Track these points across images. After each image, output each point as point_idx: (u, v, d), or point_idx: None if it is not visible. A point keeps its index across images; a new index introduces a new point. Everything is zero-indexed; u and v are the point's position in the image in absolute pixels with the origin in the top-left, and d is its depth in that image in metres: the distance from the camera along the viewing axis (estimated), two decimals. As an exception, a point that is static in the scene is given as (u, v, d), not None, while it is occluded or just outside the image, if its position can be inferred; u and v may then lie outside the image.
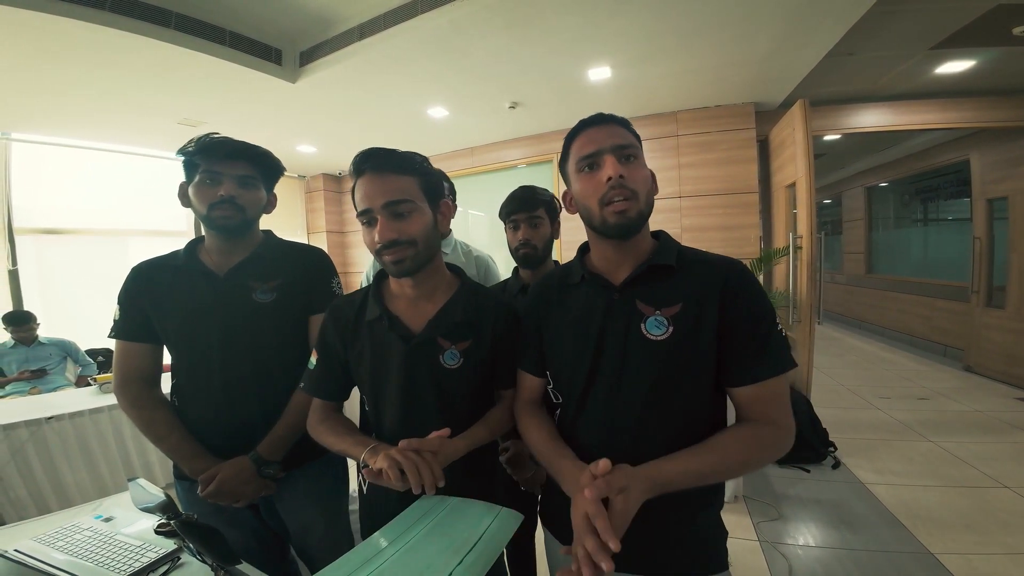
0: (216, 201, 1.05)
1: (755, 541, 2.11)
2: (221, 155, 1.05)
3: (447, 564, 0.70)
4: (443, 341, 0.93)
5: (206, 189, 1.05)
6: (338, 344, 0.98)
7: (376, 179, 0.87)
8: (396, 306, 0.97)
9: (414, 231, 0.88)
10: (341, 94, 3.34)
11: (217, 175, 1.05)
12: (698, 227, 3.88)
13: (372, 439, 0.93)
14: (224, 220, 1.06)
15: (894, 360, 5.25)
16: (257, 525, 1.17)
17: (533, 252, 1.40)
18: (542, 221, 1.41)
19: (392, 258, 0.87)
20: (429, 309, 0.95)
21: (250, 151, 1.10)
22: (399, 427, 0.93)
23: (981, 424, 3.30)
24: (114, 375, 1.09)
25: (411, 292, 0.96)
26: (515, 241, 1.42)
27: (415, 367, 0.92)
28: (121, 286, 1.10)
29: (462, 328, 0.95)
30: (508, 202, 1.44)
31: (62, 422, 2.20)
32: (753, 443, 0.74)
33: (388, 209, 0.86)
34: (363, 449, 0.86)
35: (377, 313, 0.94)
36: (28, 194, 3.89)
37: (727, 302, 0.76)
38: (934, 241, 5.97)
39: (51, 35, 2.32)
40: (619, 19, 2.47)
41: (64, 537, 0.99)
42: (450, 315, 0.95)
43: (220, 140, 1.06)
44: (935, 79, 3.51)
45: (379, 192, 0.86)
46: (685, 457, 0.72)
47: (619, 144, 0.79)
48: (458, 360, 0.93)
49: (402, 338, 0.92)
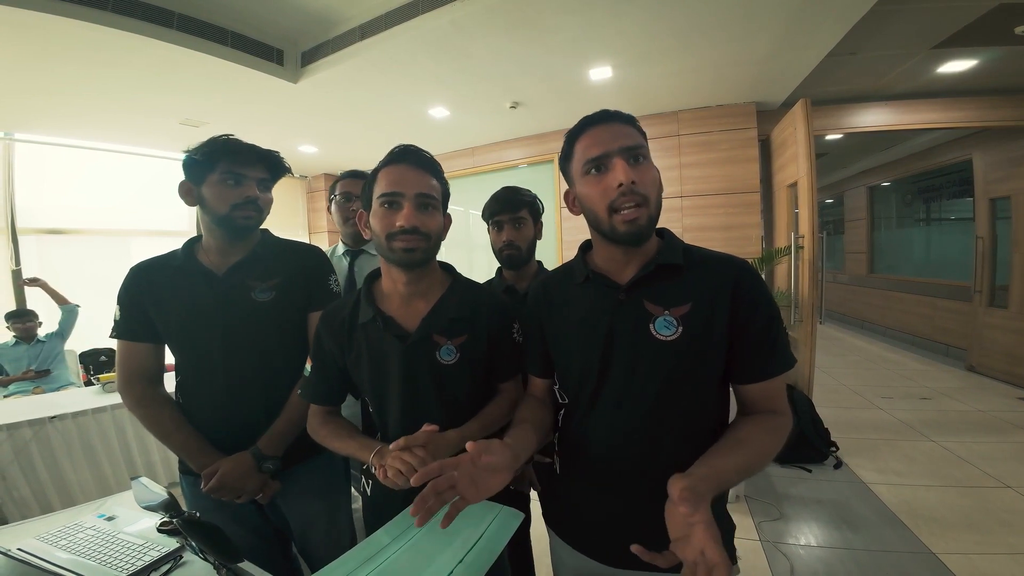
0: (240, 202, 1.07)
1: (756, 541, 2.11)
2: (245, 158, 1.08)
3: (448, 562, 0.70)
4: (439, 338, 0.93)
5: (229, 190, 1.07)
6: (334, 350, 0.98)
7: (415, 170, 0.91)
8: (388, 306, 0.97)
9: (433, 227, 0.91)
10: (342, 94, 3.35)
11: (241, 177, 1.07)
12: (699, 227, 3.88)
13: (376, 441, 0.93)
14: (246, 220, 1.09)
15: (896, 360, 5.23)
16: (260, 522, 1.18)
17: (517, 253, 1.39)
18: (525, 222, 1.40)
19: (407, 245, 0.88)
20: (423, 307, 0.96)
21: (268, 156, 1.13)
22: (402, 426, 0.93)
23: (983, 424, 3.29)
24: (117, 375, 1.10)
25: (404, 290, 0.96)
26: (499, 242, 1.41)
27: (413, 365, 0.92)
28: (120, 286, 1.11)
29: (457, 324, 0.95)
30: (491, 203, 1.43)
31: (65, 421, 2.20)
32: (776, 432, 0.76)
33: (420, 199, 0.89)
34: (369, 452, 0.88)
35: (371, 315, 0.94)
36: (31, 194, 3.91)
37: (738, 302, 0.75)
38: (937, 241, 5.95)
39: (54, 36, 2.33)
40: (620, 19, 2.47)
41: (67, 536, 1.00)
42: (444, 312, 0.95)
43: (242, 143, 1.09)
44: (937, 78, 3.50)
45: (416, 182, 0.90)
46: (728, 454, 0.71)
47: (627, 145, 0.75)
48: (455, 355, 0.93)
49: (398, 337, 0.93)
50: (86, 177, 4.32)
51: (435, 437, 0.84)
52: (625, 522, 0.80)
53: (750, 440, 0.74)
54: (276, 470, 1.09)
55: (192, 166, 1.08)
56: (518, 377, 1.04)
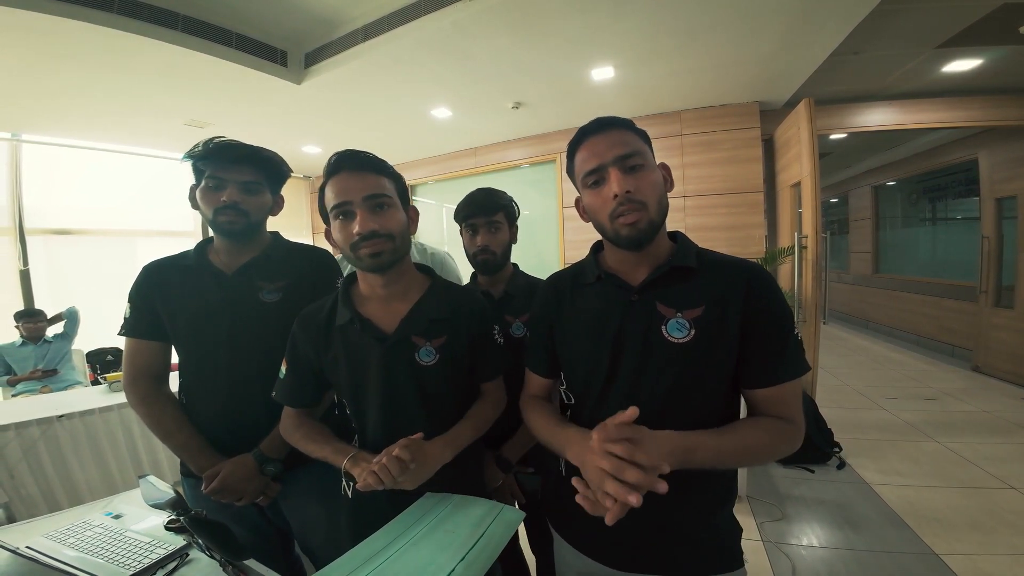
0: (219, 206, 1.07)
1: (759, 541, 2.11)
2: (225, 160, 1.07)
3: (449, 561, 0.70)
4: (417, 339, 0.93)
5: (210, 194, 1.07)
6: (310, 352, 0.98)
7: (356, 175, 0.89)
8: (367, 308, 0.96)
9: (392, 226, 0.90)
10: (345, 95, 3.36)
11: (221, 181, 1.07)
12: (702, 227, 3.87)
13: (351, 446, 0.94)
14: (228, 225, 1.08)
15: (901, 360, 5.21)
16: (261, 522, 1.18)
17: (492, 258, 1.30)
18: (501, 226, 1.32)
19: (370, 251, 0.87)
20: (401, 308, 0.96)
21: (255, 155, 1.11)
22: (382, 427, 0.93)
23: (988, 425, 3.27)
24: (124, 372, 1.11)
25: (382, 292, 0.96)
26: (472, 246, 1.32)
27: (392, 367, 0.92)
28: (132, 284, 1.12)
29: (437, 325, 0.95)
30: (465, 205, 1.33)
31: (73, 420, 2.22)
32: (773, 432, 0.75)
33: (369, 202, 0.88)
34: (343, 457, 0.88)
35: (348, 317, 0.93)
36: (39, 195, 3.94)
37: (751, 305, 0.75)
38: (942, 240, 5.91)
39: (61, 38, 2.35)
40: (622, 20, 2.47)
41: (75, 534, 1.00)
42: (423, 313, 0.95)
43: (225, 145, 1.07)
44: (942, 78, 3.48)
45: (359, 187, 0.88)
46: (708, 433, 0.71)
47: (621, 155, 0.76)
48: (434, 356, 0.93)
49: (376, 339, 0.92)
50: (93, 178, 4.36)
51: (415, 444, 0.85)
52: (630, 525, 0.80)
53: (739, 430, 0.74)
54: (278, 473, 1.09)
55: (195, 170, 1.09)
56: (500, 378, 1.04)
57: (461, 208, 1.34)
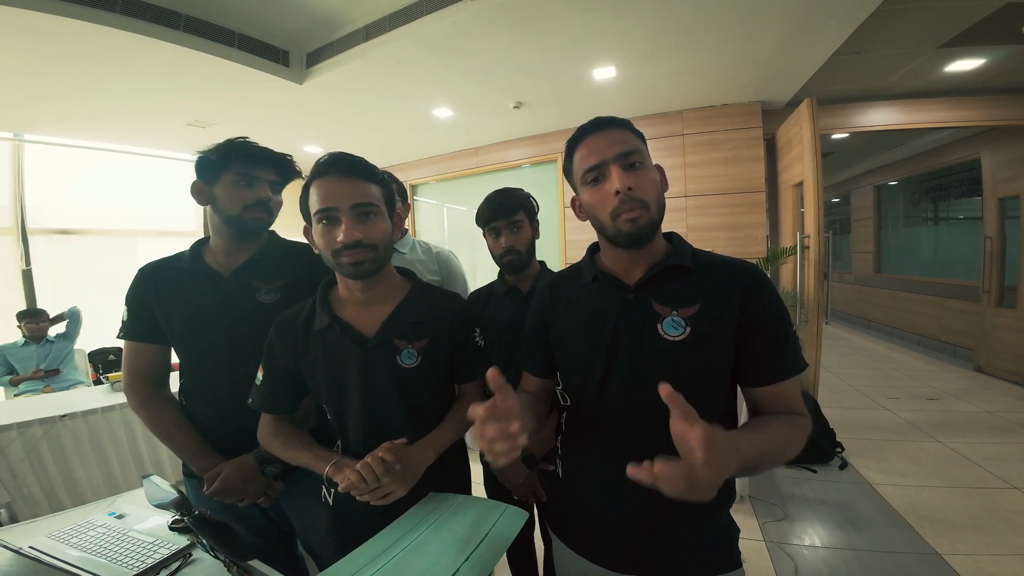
0: (251, 203, 1.08)
1: (761, 541, 2.10)
2: (259, 160, 1.10)
3: (453, 561, 0.70)
4: (399, 342, 0.93)
5: (241, 191, 1.08)
6: (288, 358, 0.97)
7: (344, 181, 0.88)
8: (346, 312, 0.96)
9: (376, 236, 0.89)
10: (347, 95, 3.36)
11: (253, 178, 1.09)
12: (704, 226, 3.86)
13: (333, 453, 0.94)
14: (256, 222, 1.10)
15: (903, 360, 5.20)
16: (264, 523, 1.19)
17: (518, 258, 1.32)
18: (522, 224, 1.34)
19: (352, 259, 0.87)
20: (381, 312, 0.95)
21: (280, 158, 1.14)
22: (363, 431, 0.93)
23: (991, 425, 3.27)
24: (123, 375, 1.12)
25: (361, 296, 0.95)
26: (498, 248, 1.34)
27: (373, 370, 0.92)
28: (128, 287, 1.12)
29: (419, 328, 0.95)
30: (485, 208, 1.34)
31: (75, 420, 2.22)
32: (798, 428, 0.74)
33: (355, 210, 0.87)
34: (325, 464, 0.88)
35: (327, 322, 0.92)
36: (41, 195, 3.95)
37: (747, 303, 0.76)
38: (944, 240, 5.90)
39: (63, 38, 2.35)
40: (623, 20, 2.46)
41: (77, 534, 1.00)
42: (404, 316, 0.95)
43: (257, 146, 1.10)
44: (944, 77, 3.47)
45: (347, 194, 0.87)
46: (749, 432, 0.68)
47: (622, 152, 0.76)
48: (416, 359, 0.93)
49: (356, 343, 0.92)
50: (94, 178, 4.37)
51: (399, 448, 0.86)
52: (629, 527, 0.80)
53: (772, 427, 0.73)
54: (279, 473, 1.09)
55: (206, 166, 1.09)
56: (480, 380, 1.04)
57: (481, 212, 1.36)
